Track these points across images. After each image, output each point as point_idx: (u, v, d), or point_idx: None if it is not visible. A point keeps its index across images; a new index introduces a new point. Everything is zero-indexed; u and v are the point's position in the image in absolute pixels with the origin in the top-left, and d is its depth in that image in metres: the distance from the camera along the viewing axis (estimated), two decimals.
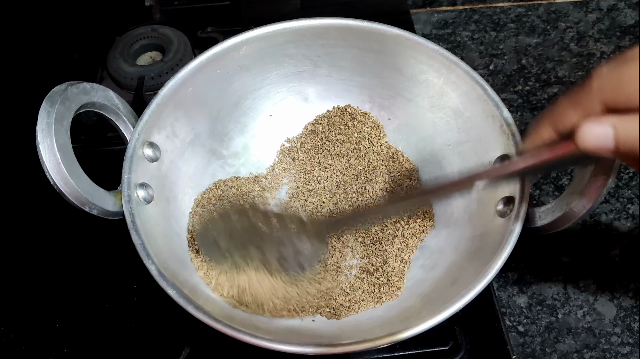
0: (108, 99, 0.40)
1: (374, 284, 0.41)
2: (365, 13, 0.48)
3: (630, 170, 0.53)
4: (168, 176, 0.42)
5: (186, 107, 0.44)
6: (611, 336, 0.44)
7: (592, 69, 0.24)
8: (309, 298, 0.39)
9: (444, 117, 0.45)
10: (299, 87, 0.50)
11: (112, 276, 0.46)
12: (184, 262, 0.39)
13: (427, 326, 0.32)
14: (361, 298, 0.40)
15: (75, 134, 0.37)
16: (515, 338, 0.44)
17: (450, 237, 0.42)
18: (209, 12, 0.66)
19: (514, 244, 0.34)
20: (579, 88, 0.25)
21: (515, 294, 0.46)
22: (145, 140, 0.40)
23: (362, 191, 0.46)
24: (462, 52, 0.64)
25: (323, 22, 0.45)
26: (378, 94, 0.49)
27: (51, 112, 0.34)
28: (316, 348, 0.31)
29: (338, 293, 0.41)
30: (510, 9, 0.68)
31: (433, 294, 0.38)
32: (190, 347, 0.41)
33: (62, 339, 0.43)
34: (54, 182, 0.34)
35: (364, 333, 0.33)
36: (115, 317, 0.44)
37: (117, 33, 0.61)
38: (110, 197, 0.37)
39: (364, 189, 0.46)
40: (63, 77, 0.38)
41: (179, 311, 0.32)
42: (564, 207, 0.33)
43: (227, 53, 0.45)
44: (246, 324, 0.33)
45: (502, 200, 0.38)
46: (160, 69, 0.56)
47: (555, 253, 0.48)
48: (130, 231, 0.35)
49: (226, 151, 0.48)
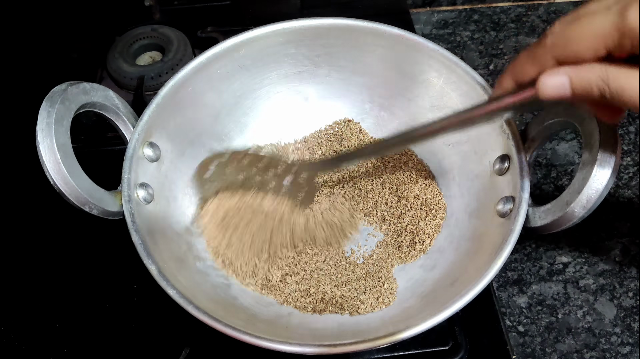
0: (108, 99, 0.40)
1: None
2: (365, 13, 0.48)
3: (630, 170, 0.53)
4: (168, 176, 0.42)
5: (186, 107, 0.44)
6: (611, 336, 0.44)
7: (548, 28, 0.27)
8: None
9: None
10: (299, 87, 0.50)
11: (112, 276, 0.46)
12: (184, 262, 0.39)
13: (427, 326, 0.32)
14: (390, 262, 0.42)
15: (75, 134, 0.37)
16: (515, 338, 0.44)
17: (450, 237, 0.42)
18: (209, 12, 0.66)
19: (514, 244, 0.34)
20: (535, 44, 0.28)
21: (515, 294, 0.46)
22: (145, 140, 0.40)
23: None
24: (462, 52, 0.64)
25: (323, 22, 0.45)
26: (378, 94, 0.49)
27: (51, 112, 0.34)
28: (316, 348, 0.31)
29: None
30: (510, 9, 0.68)
31: (433, 294, 0.38)
32: (190, 347, 0.41)
33: (62, 339, 0.43)
34: (54, 182, 0.34)
35: (364, 333, 0.33)
36: (115, 317, 0.44)
37: (117, 33, 0.61)
38: (110, 197, 0.37)
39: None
40: (63, 77, 0.38)
41: (179, 311, 0.32)
42: (564, 207, 0.33)
43: (227, 53, 0.45)
44: (246, 324, 0.33)
45: (502, 200, 0.38)
46: (160, 69, 0.56)
47: (555, 253, 0.48)
48: (130, 231, 0.35)
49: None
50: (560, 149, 0.55)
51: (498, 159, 0.40)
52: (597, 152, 0.32)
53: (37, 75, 0.58)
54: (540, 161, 0.54)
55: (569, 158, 0.54)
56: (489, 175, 0.41)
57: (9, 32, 0.60)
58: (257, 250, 0.42)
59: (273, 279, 0.41)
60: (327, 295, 0.40)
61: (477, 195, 0.42)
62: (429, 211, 0.44)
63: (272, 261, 0.42)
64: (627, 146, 0.55)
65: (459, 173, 0.44)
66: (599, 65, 0.25)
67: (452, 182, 0.45)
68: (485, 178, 0.41)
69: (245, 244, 0.42)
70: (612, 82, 0.25)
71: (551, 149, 0.55)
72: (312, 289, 0.41)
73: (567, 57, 0.26)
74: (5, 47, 0.60)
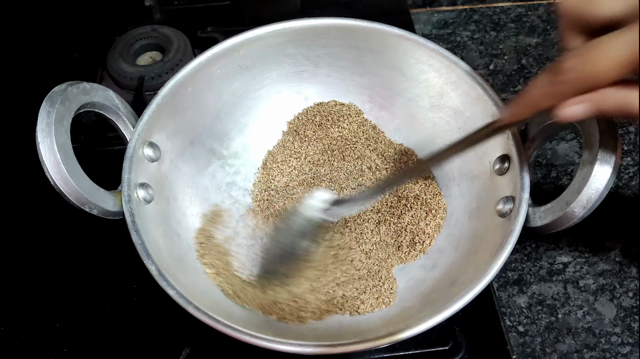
0: (108, 99, 0.40)
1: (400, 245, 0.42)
2: (365, 13, 0.48)
3: (630, 170, 0.53)
4: (168, 176, 0.42)
5: (186, 107, 0.44)
6: (611, 336, 0.44)
7: (558, 59, 0.27)
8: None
9: (444, 117, 0.45)
10: (299, 87, 0.50)
11: (112, 276, 0.46)
12: (184, 262, 0.39)
13: (427, 326, 0.32)
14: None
15: (75, 134, 0.37)
16: (515, 338, 0.44)
17: (450, 237, 0.42)
18: (209, 12, 0.66)
19: (514, 244, 0.34)
20: (548, 79, 0.27)
21: (515, 294, 0.46)
22: (145, 140, 0.40)
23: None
24: (462, 52, 0.64)
25: (323, 22, 0.45)
26: (378, 94, 0.49)
27: (51, 112, 0.34)
28: (316, 348, 0.31)
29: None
30: (510, 9, 0.68)
31: (433, 294, 0.38)
32: (190, 347, 0.41)
33: (62, 339, 0.43)
34: (54, 182, 0.34)
35: (364, 333, 0.33)
36: (115, 317, 0.44)
37: (117, 33, 0.61)
38: (110, 197, 0.37)
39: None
40: (63, 77, 0.38)
41: (179, 311, 0.32)
42: (564, 207, 0.33)
43: (227, 53, 0.45)
44: (246, 324, 0.33)
45: (502, 200, 0.38)
46: (160, 69, 0.56)
47: (555, 253, 0.48)
48: (130, 231, 0.35)
49: (226, 151, 0.48)
50: (560, 149, 0.55)
51: (498, 159, 0.40)
52: (597, 152, 0.32)
53: (37, 75, 0.58)
54: (540, 161, 0.54)
55: (569, 158, 0.54)
56: (489, 175, 0.41)
57: (9, 32, 0.60)
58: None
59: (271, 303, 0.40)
60: (328, 295, 0.40)
61: (477, 195, 0.42)
62: (429, 211, 0.44)
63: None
64: (627, 146, 0.55)
65: (459, 173, 0.44)
66: (615, 91, 0.26)
67: (452, 182, 0.45)
68: (485, 178, 0.41)
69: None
70: (627, 105, 0.26)
71: (551, 149, 0.55)
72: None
73: (585, 90, 0.26)
74: (5, 47, 0.60)
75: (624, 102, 0.26)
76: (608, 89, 0.26)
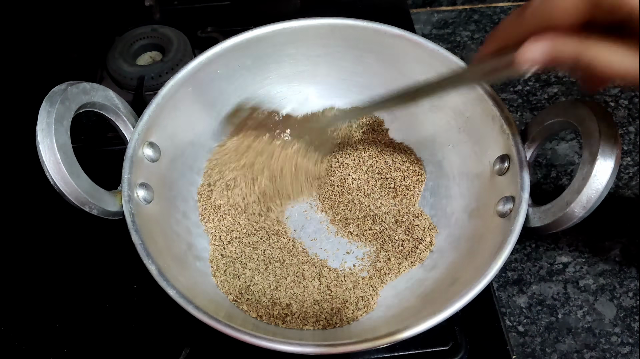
0: (108, 99, 0.40)
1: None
2: (365, 13, 0.48)
3: (630, 170, 0.53)
4: (168, 176, 0.42)
5: (186, 107, 0.44)
6: (611, 336, 0.44)
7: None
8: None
9: (444, 117, 0.45)
10: (299, 87, 0.50)
11: (112, 276, 0.46)
12: (184, 262, 0.40)
13: (427, 326, 0.32)
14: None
15: (75, 134, 0.37)
16: (515, 338, 0.44)
17: (450, 237, 0.42)
18: (209, 12, 0.66)
19: (514, 244, 0.34)
20: (517, 12, 0.29)
21: (515, 294, 0.46)
22: (145, 140, 0.40)
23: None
24: (462, 52, 0.64)
25: (323, 22, 0.45)
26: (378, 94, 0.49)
27: (51, 112, 0.34)
28: (316, 348, 0.31)
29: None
30: (510, 9, 0.68)
31: (433, 294, 0.38)
32: (190, 347, 0.41)
33: (62, 339, 0.43)
34: (54, 182, 0.34)
35: (364, 333, 0.33)
36: (115, 317, 0.44)
37: (117, 33, 0.61)
38: (110, 197, 0.37)
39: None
40: (63, 77, 0.38)
41: (179, 311, 0.32)
42: (564, 207, 0.33)
43: (227, 53, 0.45)
44: (246, 324, 0.33)
45: (502, 200, 0.38)
46: (160, 69, 0.56)
47: (555, 253, 0.48)
48: (130, 231, 0.35)
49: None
50: (560, 149, 0.55)
51: (498, 159, 0.40)
52: (597, 152, 0.32)
53: (37, 75, 0.58)
54: (540, 161, 0.54)
55: (569, 158, 0.54)
56: (489, 175, 0.41)
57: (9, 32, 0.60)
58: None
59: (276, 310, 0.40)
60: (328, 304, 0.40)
61: (477, 195, 0.42)
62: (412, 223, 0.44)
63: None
64: (627, 146, 0.55)
65: (459, 173, 0.44)
66: (574, 40, 0.27)
67: (452, 182, 0.45)
68: (485, 178, 0.41)
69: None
70: (581, 55, 0.26)
71: (551, 149, 0.55)
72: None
73: (547, 26, 0.27)
74: (5, 47, 0.60)
75: (579, 51, 0.26)
76: (569, 37, 0.27)
